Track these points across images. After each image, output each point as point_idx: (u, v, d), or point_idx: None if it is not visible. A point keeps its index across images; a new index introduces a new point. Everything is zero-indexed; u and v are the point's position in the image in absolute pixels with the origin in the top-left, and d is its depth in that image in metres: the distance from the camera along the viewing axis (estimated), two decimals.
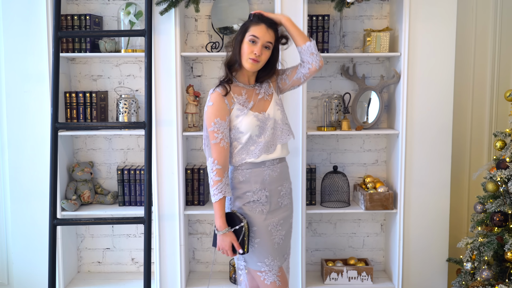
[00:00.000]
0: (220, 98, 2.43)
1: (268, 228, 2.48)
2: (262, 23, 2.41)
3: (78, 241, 3.78)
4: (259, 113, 2.47)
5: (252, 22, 2.43)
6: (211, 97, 2.44)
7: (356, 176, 3.76)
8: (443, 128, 3.42)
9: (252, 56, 2.40)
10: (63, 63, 3.51)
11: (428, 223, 3.48)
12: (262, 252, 2.47)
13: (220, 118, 2.41)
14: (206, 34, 3.62)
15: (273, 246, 2.49)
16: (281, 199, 2.56)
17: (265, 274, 2.48)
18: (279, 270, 2.51)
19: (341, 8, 3.31)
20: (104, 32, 3.41)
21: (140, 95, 3.64)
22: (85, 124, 3.31)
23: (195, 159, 3.72)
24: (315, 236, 3.80)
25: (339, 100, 3.55)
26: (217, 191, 2.41)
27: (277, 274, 2.49)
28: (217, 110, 2.42)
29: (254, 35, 2.39)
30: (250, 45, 2.40)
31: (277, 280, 2.49)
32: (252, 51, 2.39)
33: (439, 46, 3.36)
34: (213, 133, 2.41)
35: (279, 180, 2.54)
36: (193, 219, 3.77)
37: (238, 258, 2.60)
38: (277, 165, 2.53)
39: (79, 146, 3.71)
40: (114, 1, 3.59)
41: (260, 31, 2.40)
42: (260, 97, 2.52)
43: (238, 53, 2.44)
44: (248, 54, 2.40)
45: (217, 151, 2.41)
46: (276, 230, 2.51)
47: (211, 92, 2.47)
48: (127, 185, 3.55)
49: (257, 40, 2.39)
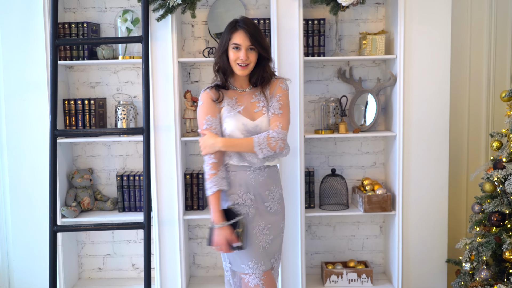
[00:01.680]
0: (209, 97, 2.55)
1: (253, 232, 2.52)
2: (240, 29, 2.49)
3: (78, 248, 3.81)
4: (249, 119, 2.53)
5: (231, 31, 2.51)
6: (201, 96, 2.58)
7: (355, 179, 3.79)
8: (440, 130, 3.46)
9: (239, 61, 2.50)
10: (61, 70, 3.55)
11: (427, 225, 3.51)
12: (246, 254, 2.51)
13: (211, 115, 2.52)
14: (203, 39, 3.66)
15: (258, 250, 2.52)
16: (269, 204, 2.59)
17: (248, 277, 2.53)
18: (264, 274, 2.53)
19: (337, 12, 3.35)
20: (101, 39, 3.45)
21: (138, 101, 3.68)
22: (84, 130, 3.35)
23: (194, 164, 3.75)
24: (315, 239, 3.83)
25: (336, 103, 3.59)
26: (211, 184, 2.47)
27: (260, 277, 2.52)
28: (207, 108, 2.54)
29: (235, 43, 2.49)
30: (235, 52, 2.50)
31: (261, 283, 2.52)
32: (238, 57, 2.49)
33: (435, 48, 3.40)
34: (206, 130, 2.52)
35: (266, 185, 2.57)
36: (193, 224, 3.80)
37: (224, 259, 2.64)
38: (264, 169, 2.57)
39: (78, 153, 3.75)
40: (111, 9, 3.64)
41: (239, 37, 2.48)
42: (252, 101, 2.57)
43: (227, 61, 2.54)
44: (235, 61, 2.51)
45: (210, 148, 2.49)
46: (263, 234, 2.54)
47: (202, 91, 2.59)
48: (126, 191, 3.59)
49: (239, 47, 2.49)
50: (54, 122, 3.13)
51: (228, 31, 2.52)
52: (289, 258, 3.46)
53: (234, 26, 2.51)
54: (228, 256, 2.58)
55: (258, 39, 2.50)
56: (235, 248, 2.48)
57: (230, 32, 2.51)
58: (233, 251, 2.50)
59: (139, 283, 3.70)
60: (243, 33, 2.48)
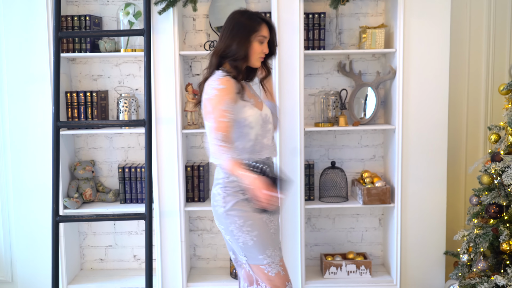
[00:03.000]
0: (232, 84, 2.43)
1: (263, 220, 2.52)
2: (264, 22, 2.52)
3: (80, 239, 3.87)
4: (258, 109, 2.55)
5: (259, 22, 2.51)
6: (222, 80, 2.41)
7: (354, 172, 3.84)
8: (439, 123, 3.50)
9: (262, 55, 2.54)
10: (64, 63, 3.60)
11: (425, 217, 3.56)
12: (263, 243, 2.49)
13: (232, 101, 2.41)
14: (204, 33, 3.71)
15: (271, 237, 2.54)
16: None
17: (268, 267, 2.49)
18: (280, 260, 2.54)
19: (337, 6, 3.39)
20: (103, 32, 3.50)
21: (140, 94, 3.73)
22: (86, 122, 3.40)
23: (195, 157, 3.80)
24: (314, 231, 3.89)
25: (336, 96, 3.63)
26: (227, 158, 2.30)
27: (279, 264, 2.52)
28: (229, 92, 2.40)
29: (264, 36, 2.51)
30: (260, 45, 2.51)
31: (281, 270, 2.52)
32: (262, 51, 2.52)
33: (434, 41, 3.44)
34: (224, 112, 2.35)
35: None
36: (194, 216, 3.86)
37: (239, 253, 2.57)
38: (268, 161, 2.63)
39: (80, 145, 3.80)
40: (113, 2, 3.68)
41: (266, 31, 2.52)
42: (251, 92, 2.62)
43: (247, 52, 2.49)
44: (259, 54, 2.52)
45: (225, 127, 2.35)
46: (270, 221, 2.56)
47: (219, 77, 2.43)
48: (128, 183, 3.64)
49: (264, 40, 2.52)
50: (57, 114, 3.17)
51: (254, 22, 2.49)
52: (289, 249, 3.51)
53: (260, 18, 2.52)
54: (244, 250, 2.51)
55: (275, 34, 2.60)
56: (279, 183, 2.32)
57: (257, 24, 2.50)
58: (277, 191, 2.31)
59: (141, 274, 3.76)
60: (267, 27, 2.52)
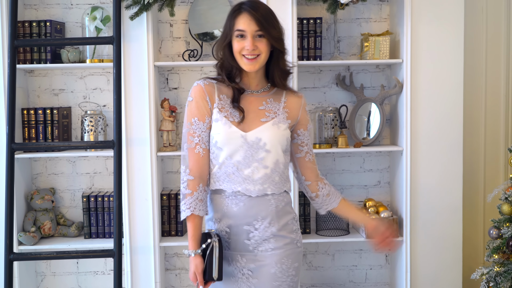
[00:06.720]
0: (201, 90, 2.32)
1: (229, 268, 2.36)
2: (244, 11, 2.26)
3: (38, 280, 3.80)
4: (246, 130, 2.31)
5: (234, 14, 2.29)
6: (192, 90, 2.34)
7: (356, 200, 3.82)
8: (452, 144, 3.50)
9: (245, 52, 2.26)
10: (20, 75, 3.56)
11: (438, 253, 3.54)
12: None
13: (199, 118, 2.31)
14: (183, 41, 3.70)
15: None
16: (251, 243, 2.33)
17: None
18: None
19: (335, 10, 3.40)
20: (66, 40, 3.48)
21: (108, 111, 3.70)
22: (46, 144, 3.36)
23: (171, 183, 3.77)
24: (311, 270, 3.85)
25: (334, 113, 3.63)
26: (185, 207, 2.28)
27: None
28: (196, 107, 2.31)
29: (239, 29, 2.26)
30: (239, 41, 2.27)
31: None
32: (243, 47, 2.26)
33: (446, 51, 3.45)
34: (189, 135, 2.30)
35: (246, 217, 2.31)
36: (170, 252, 3.81)
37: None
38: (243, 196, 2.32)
39: (38, 171, 3.75)
40: (78, 6, 3.67)
41: (244, 22, 2.25)
42: (261, 108, 2.36)
43: (230, 55, 2.32)
44: (240, 52, 2.27)
45: (191, 158, 2.30)
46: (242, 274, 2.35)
47: (194, 84, 2.36)
48: (94, 215, 3.59)
49: (244, 33, 2.26)
50: (12, 134, 3.12)
51: (230, 16, 2.30)
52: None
53: (237, 8, 2.27)
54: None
55: (267, 24, 2.25)
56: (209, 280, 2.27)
57: (232, 17, 2.28)
58: (208, 285, 2.29)
59: None
60: (248, 16, 2.24)
